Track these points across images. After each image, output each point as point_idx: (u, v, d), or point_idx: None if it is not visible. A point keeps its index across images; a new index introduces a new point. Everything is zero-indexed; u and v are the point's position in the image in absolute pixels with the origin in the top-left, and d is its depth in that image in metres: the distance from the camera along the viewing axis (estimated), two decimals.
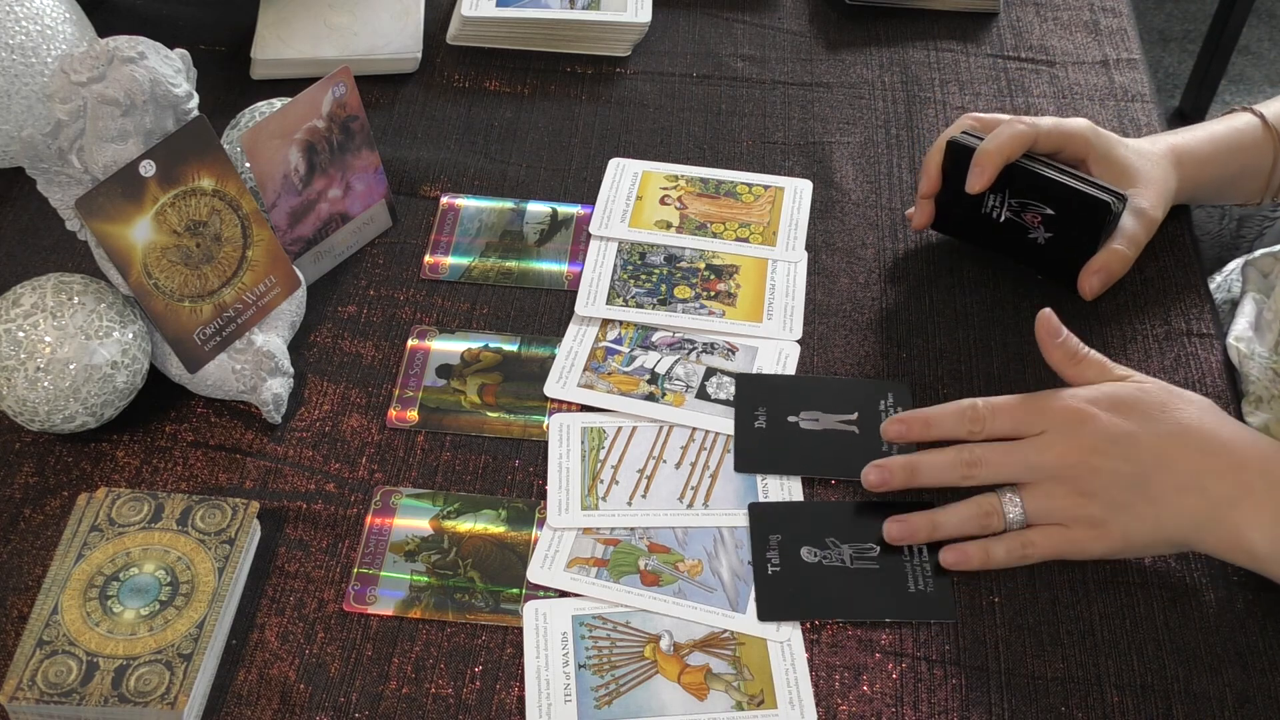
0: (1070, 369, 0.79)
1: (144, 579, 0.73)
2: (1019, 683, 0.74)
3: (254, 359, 0.83)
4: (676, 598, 0.76)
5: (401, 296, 0.93)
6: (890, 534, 0.78)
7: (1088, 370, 0.79)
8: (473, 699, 0.73)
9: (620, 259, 0.95)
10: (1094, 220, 0.88)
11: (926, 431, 0.79)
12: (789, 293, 0.93)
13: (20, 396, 0.78)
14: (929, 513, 0.78)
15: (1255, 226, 1.10)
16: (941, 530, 0.77)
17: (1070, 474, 0.75)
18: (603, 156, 1.03)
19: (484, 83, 1.09)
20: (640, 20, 1.10)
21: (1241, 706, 0.73)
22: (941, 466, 0.78)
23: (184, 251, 0.80)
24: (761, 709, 0.72)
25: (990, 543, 0.77)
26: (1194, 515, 0.74)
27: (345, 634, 0.75)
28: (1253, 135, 0.94)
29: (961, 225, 0.95)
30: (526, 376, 0.88)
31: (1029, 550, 0.76)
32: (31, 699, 0.68)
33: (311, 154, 0.88)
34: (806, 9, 1.17)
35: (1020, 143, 0.88)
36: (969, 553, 0.77)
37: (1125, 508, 0.74)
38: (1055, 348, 0.79)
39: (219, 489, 0.81)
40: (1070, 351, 0.79)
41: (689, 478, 0.82)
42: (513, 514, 0.80)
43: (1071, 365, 0.79)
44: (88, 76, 0.76)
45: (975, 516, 0.77)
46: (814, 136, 1.06)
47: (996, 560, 0.76)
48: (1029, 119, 0.90)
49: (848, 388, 0.88)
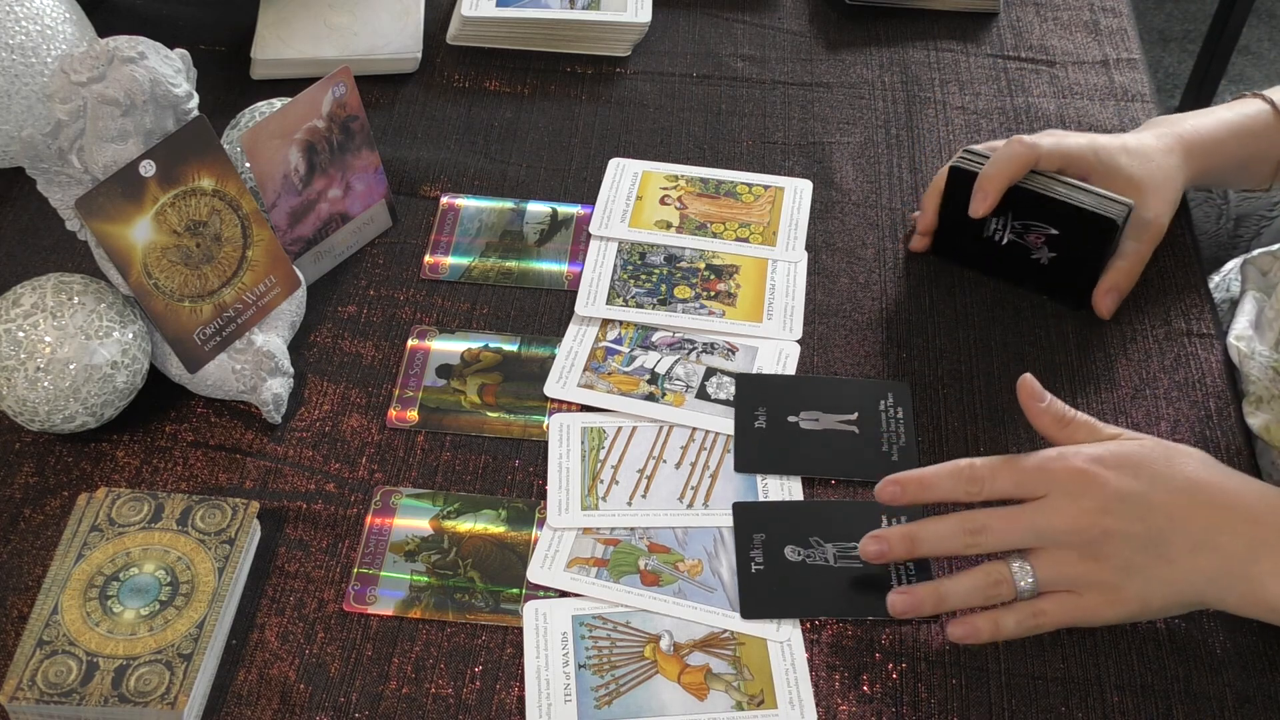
0: (1059, 433, 0.76)
1: (144, 579, 0.73)
2: (1019, 683, 0.74)
3: (254, 359, 0.83)
4: (676, 598, 0.76)
5: (401, 296, 0.93)
6: (894, 607, 0.74)
7: (1077, 432, 0.75)
8: (473, 699, 0.73)
9: (620, 259, 0.95)
10: (1100, 237, 0.87)
11: (922, 494, 0.75)
12: (789, 293, 0.93)
13: (20, 396, 0.78)
14: (935, 584, 0.74)
15: (1252, 226, 1.10)
16: (948, 602, 0.74)
17: (1080, 539, 0.71)
18: (603, 156, 1.03)
19: (484, 83, 1.09)
20: (640, 20, 1.10)
21: (1241, 706, 0.73)
22: (944, 535, 0.74)
23: (184, 251, 0.80)
24: (761, 709, 0.72)
25: (1000, 614, 0.73)
26: (1211, 573, 0.71)
27: (345, 634, 0.75)
28: (1264, 121, 0.93)
29: (962, 250, 0.94)
30: (526, 376, 0.88)
31: (1040, 620, 0.73)
32: (31, 699, 0.68)
33: (311, 154, 0.88)
34: (806, 9, 1.17)
35: (1021, 165, 0.88)
36: (978, 626, 0.73)
37: (1139, 571, 0.71)
38: (1041, 413, 0.76)
39: (219, 489, 0.81)
40: (1057, 415, 0.76)
41: (689, 478, 0.82)
42: (513, 514, 0.80)
43: (1060, 429, 0.76)
44: (88, 76, 0.76)
45: (983, 586, 0.73)
46: (814, 136, 1.06)
47: (1006, 632, 0.73)
48: (1029, 139, 0.89)
49: (848, 388, 0.88)
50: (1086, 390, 0.88)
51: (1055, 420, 0.76)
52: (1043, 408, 0.76)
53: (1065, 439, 0.76)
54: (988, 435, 0.85)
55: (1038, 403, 0.76)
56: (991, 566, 0.73)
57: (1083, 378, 0.89)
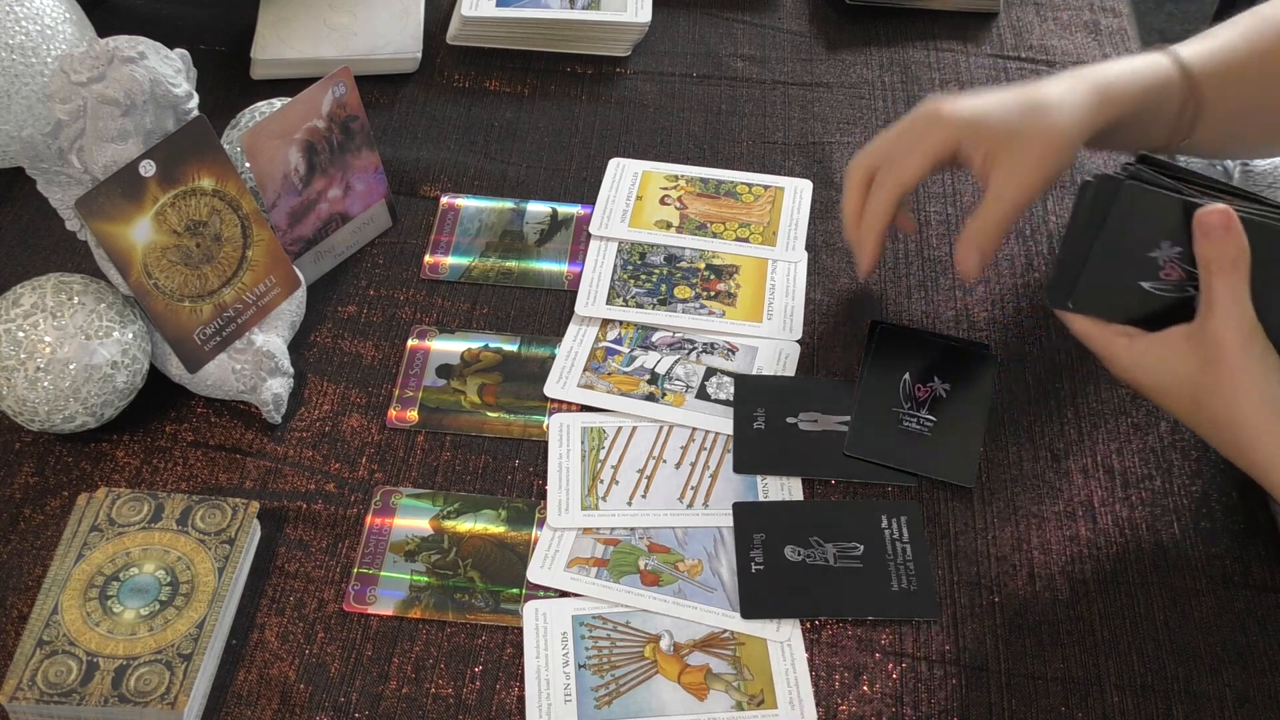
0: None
1: (144, 579, 0.73)
2: (1019, 683, 0.74)
3: (254, 359, 0.83)
4: (676, 598, 0.76)
5: (401, 296, 0.93)
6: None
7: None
8: (473, 699, 0.73)
9: (620, 259, 0.95)
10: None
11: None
12: (789, 293, 0.93)
13: (20, 396, 0.78)
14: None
15: None
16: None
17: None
18: (603, 156, 1.03)
19: (484, 83, 1.09)
20: (640, 20, 1.10)
21: (1241, 706, 0.73)
22: None
23: (184, 251, 0.80)
24: (761, 709, 0.72)
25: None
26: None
27: (345, 634, 0.75)
28: (1165, 75, 0.85)
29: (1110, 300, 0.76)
30: (526, 376, 0.88)
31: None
32: (31, 699, 0.68)
33: (311, 154, 0.88)
34: (806, 9, 1.17)
35: (891, 205, 0.84)
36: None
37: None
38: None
39: (219, 489, 0.81)
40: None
41: (689, 478, 0.82)
42: (513, 514, 0.80)
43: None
44: (88, 76, 0.76)
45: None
46: (814, 136, 1.06)
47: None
48: (889, 182, 0.83)
49: (847, 388, 0.88)
50: (1086, 390, 0.88)
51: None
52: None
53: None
54: (988, 435, 0.85)
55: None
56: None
57: (1083, 377, 0.89)
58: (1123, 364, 0.76)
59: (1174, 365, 0.73)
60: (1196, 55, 0.85)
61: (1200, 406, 0.73)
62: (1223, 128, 0.87)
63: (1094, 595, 0.78)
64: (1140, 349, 0.75)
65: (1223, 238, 0.71)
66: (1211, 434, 0.74)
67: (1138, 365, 0.75)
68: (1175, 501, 0.82)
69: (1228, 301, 0.71)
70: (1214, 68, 0.84)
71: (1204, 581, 0.78)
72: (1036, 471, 0.84)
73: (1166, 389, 0.74)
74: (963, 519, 0.81)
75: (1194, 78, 0.84)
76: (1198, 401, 0.73)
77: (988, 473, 0.83)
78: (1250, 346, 0.71)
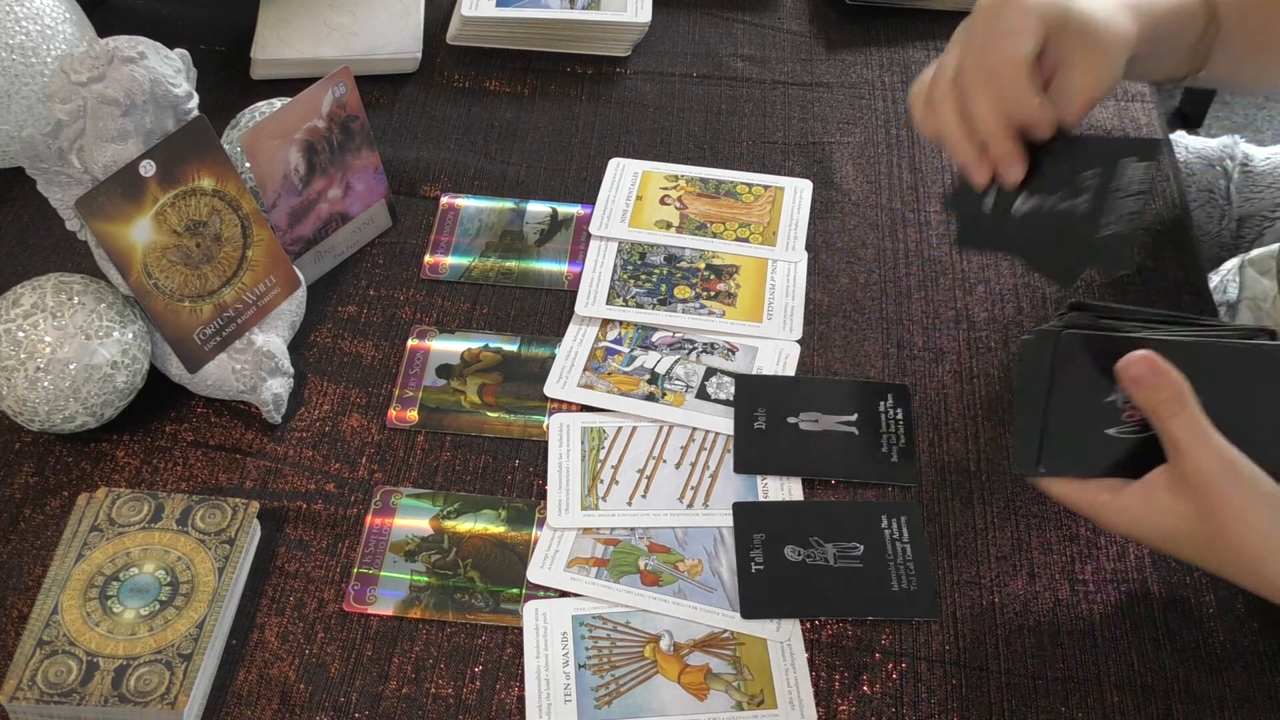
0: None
1: (144, 579, 0.73)
2: (1019, 683, 0.74)
3: (254, 359, 0.83)
4: (676, 598, 0.76)
5: (401, 296, 0.93)
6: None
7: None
8: (473, 699, 0.73)
9: (620, 259, 0.95)
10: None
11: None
12: (789, 293, 0.93)
13: (20, 396, 0.78)
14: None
15: (1255, 227, 1.10)
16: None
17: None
18: (603, 156, 1.03)
19: (484, 83, 1.09)
20: (640, 20, 1.10)
21: (1241, 706, 0.73)
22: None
23: (184, 251, 0.80)
24: (761, 709, 0.72)
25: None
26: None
27: (345, 634, 0.75)
28: (1189, 6, 0.83)
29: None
30: (526, 376, 0.88)
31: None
32: (31, 699, 0.68)
33: (311, 154, 0.88)
34: (806, 9, 1.17)
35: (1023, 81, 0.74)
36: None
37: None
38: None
39: (219, 489, 0.81)
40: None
41: (689, 478, 0.82)
42: (513, 514, 0.80)
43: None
44: (88, 76, 0.76)
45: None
46: (814, 136, 1.06)
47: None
48: (1005, 65, 0.74)
49: (847, 388, 0.88)
50: None
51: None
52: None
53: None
54: (988, 435, 0.85)
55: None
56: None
57: None
58: (1114, 522, 0.70)
59: (1166, 517, 0.68)
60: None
61: (1214, 552, 0.68)
62: (1237, 54, 0.84)
63: (1094, 595, 0.78)
64: (1124, 505, 0.69)
65: (1154, 383, 0.66)
66: (1236, 577, 0.69)
67: (1132, 522, 0.69)
68: None
69: (1190, 441, 0.66)
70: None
71: (1204, 581, 0.78)
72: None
73: (1170, 540, 0.69)
74: (963, 519, 0.81)
75: (1214, 6, 0.81)
76: (1210, 548, 0.67)
77: (988, 472, 0.83)
78: (1234, 478, 0.66)
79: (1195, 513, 0.66)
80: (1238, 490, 0.65)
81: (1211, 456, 0.65)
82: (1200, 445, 0.66)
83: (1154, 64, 0.83)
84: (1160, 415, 0.67)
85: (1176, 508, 0.67)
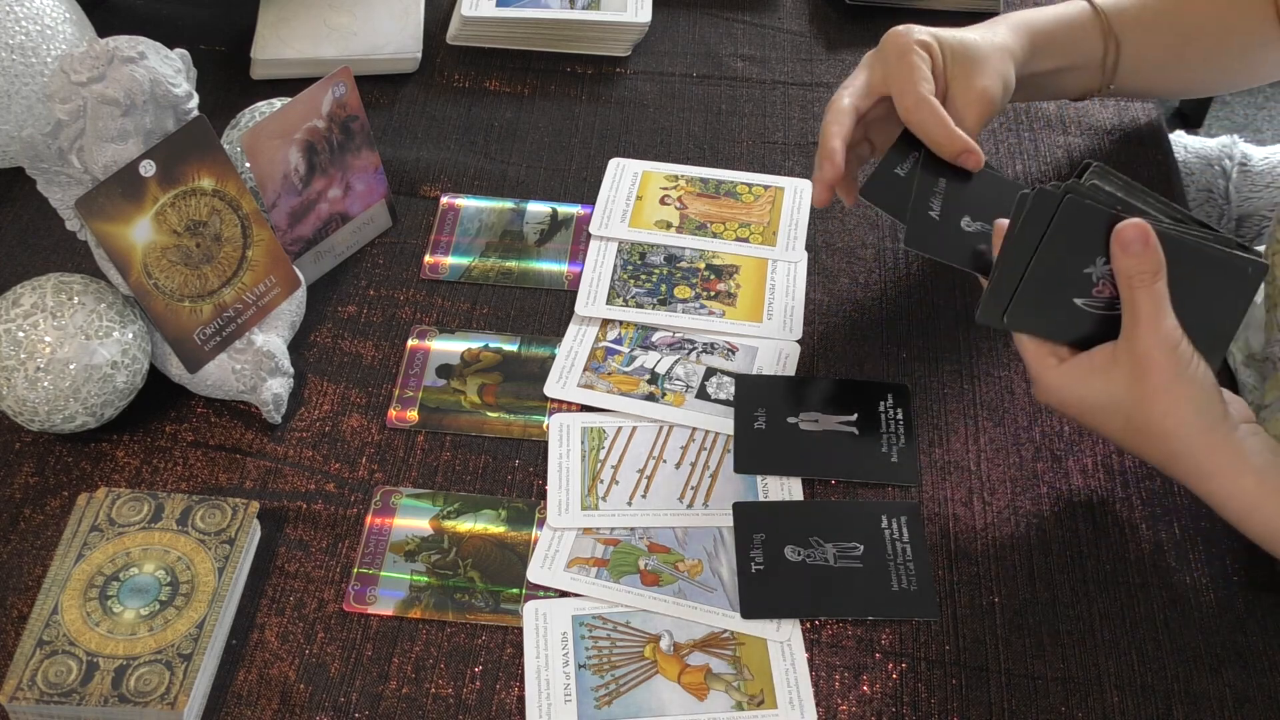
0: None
1: (144, 579, 0.73)
2: (1019, 683, 0.74)
3: (254, 359, 0.83)
4: (676, 598, 0.76)
5: (401, 296, 0.93)
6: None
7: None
8: (473, 699, 0.73)
9: (620, 259, 0.95)
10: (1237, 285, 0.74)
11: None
12: (789, 293, 0.93)
13: (20, 396, 0.78)
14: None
15: (1254, 226, 1.10)
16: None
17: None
18: (603, 156, 1.03)
19: (484, 83, 1.09)
20: (640, 20, 1.10)
21: (1241, 706, 0.73)
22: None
23: (184, 251, 0.80)
24: (761, 709, 0.72)
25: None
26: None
27: (345, 634, 0.75)
28: (1080, 14, 0.90)
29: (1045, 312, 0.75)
30: (526, 376, 0.88)
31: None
32: (31, 699, 0.68)
33: (311, 154, 0.88)
34: (806, 9, 1.17)
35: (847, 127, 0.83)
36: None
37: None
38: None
39: (219, 489, 0.81)
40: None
41: (689, 478, 0.82)
42: (513, 514, 0.80)
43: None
44: (88, 76, 0.76)
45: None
46: (814, 136, 1.06)
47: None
48: (839, 109, 0.84)
49: (848, 388, 0.88)
50: None
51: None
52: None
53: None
54: (988, 435, 0.85)
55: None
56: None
57: None
58: (1051, 385, 0.74)
59: (1103, 384, 0.72)
60: (1112, 3, 0.91)
61: (1131, 422, 0.72)
62: (1143, 72, 0.93)
63: (1094, 595, 0.78)
64: (1066, 369, 0.73)
65: (1141, 251, 0.70)
66: (1145, 448, 0.73)
67: (1069, 388, 0.73)
68: (1175, 501, 0.82)
69: (1151, 314, 0.70)
70: (1129, 16, 0.90)
71: (1204, 581, 0.78)
72: (1036, 471, 0.84)
73: (1097, 408, 0.73)
74: (963, 519, 0.81)
75: (1110, 22, 0.89)
76: (1129, 417, 0.72)
77: (988, 472, 0.83)
78: (1177, 357, 0.70)
79: (1130, 380, 0.71)
80: (1173, 365, 0.70)
81: (1163, 331, 0.70)
82: (1158, 318, 0.70)
83: (1069, 79, 0.92)
84: (1133, 284, 0.70)
85: (1113, 376, 0.72)
